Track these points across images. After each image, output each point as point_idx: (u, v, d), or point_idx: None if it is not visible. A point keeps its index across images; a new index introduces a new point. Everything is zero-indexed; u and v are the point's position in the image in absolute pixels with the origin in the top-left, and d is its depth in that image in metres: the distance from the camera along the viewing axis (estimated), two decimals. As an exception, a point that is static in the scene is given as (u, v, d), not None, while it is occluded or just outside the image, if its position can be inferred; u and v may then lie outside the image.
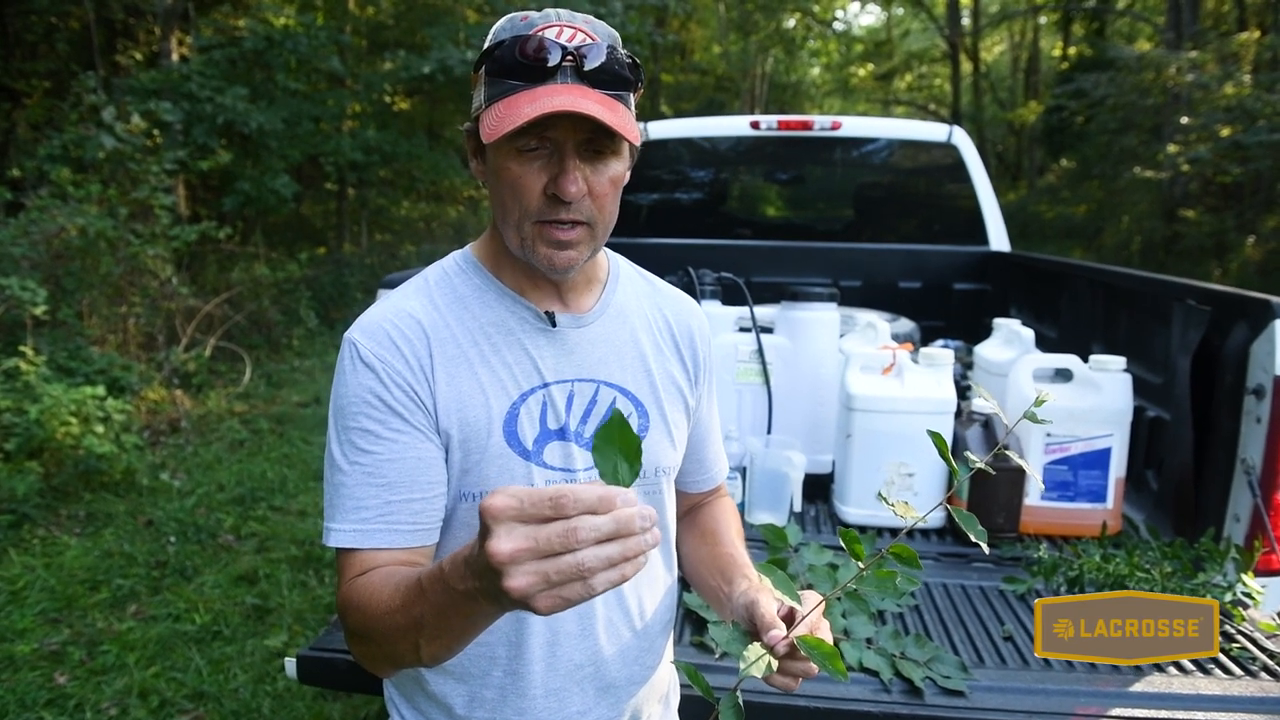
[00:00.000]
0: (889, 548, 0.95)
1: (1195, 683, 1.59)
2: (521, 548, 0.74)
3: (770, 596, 1.10)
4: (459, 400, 1.15)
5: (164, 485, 5.34)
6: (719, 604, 1.28)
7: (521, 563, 0.74)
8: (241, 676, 3.41)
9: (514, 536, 0.75)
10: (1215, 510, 2.21)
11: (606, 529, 0.73)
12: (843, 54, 28.52)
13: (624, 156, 1.14)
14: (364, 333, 1.16)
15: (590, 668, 1.24)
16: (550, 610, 0.76)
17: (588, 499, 0.74)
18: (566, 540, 0.73)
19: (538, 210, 1.10)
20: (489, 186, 1.16)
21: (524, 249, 1.13)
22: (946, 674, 1.60)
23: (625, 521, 0.73)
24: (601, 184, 1.11)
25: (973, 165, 4.40)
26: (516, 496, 0.75)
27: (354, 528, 1.12)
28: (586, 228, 1.12)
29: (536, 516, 0.74)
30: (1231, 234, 13.74)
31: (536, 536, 0.74)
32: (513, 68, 1.07)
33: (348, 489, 1.13)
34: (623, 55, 1.11)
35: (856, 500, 2.44)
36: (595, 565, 0.73)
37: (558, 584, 0.74)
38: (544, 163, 1.09)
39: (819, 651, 0.96)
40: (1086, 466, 2.37)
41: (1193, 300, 2.41)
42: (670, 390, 1.31)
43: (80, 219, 6.29)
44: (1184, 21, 15.51)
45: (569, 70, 1.06)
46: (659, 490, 1.30)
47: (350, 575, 1.11)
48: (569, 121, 1.05)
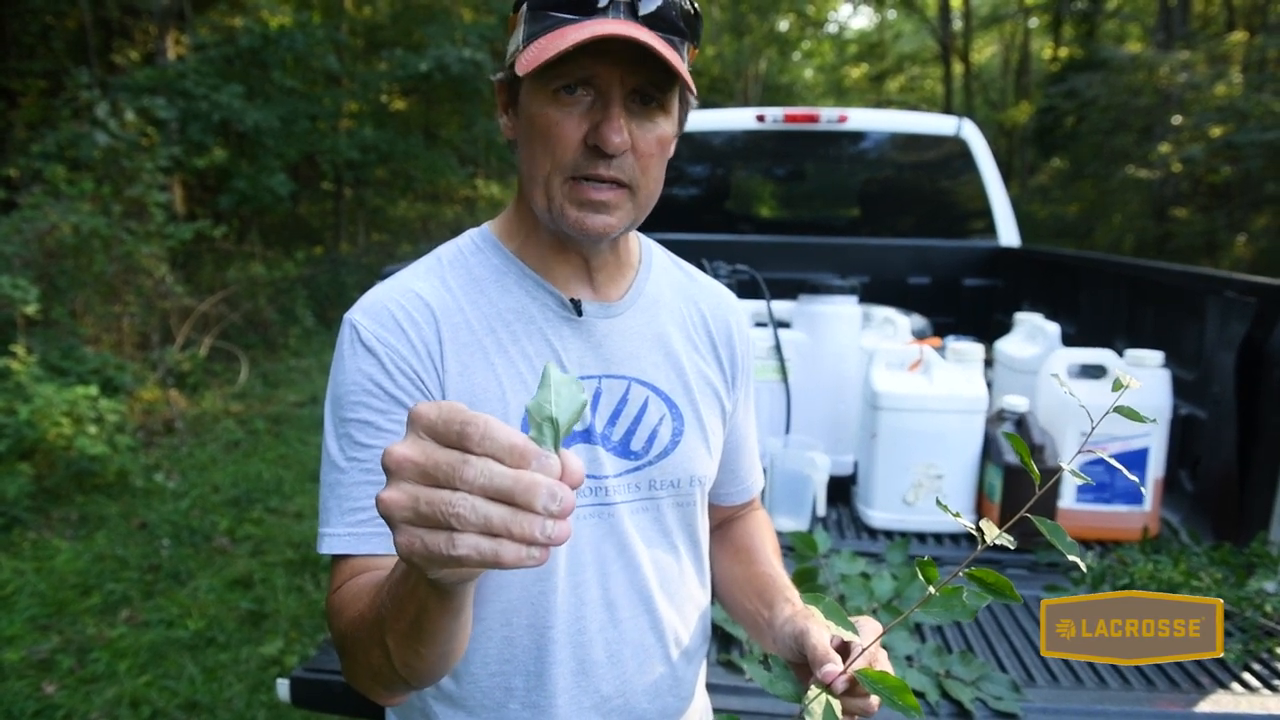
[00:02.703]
0: (969, 571, 0.82)
1: (1265, 702, 1.49)
2: (408, 457, 0.60)
3: (821, 625, 0.97)
4: (471, 393, 1.03)
5: (158, 487, 5.23)
6: (757, 630, 1.16)
7: (403, 475, 0.61)
8: (236, 686, 3.29)
9: (410, 445, 0.61)
10: (1261, 513, 2.10)
11: (500, 483, 0.58)
12: (836, 55, 28.52)
13: (673, 117, 1.03)
14: (365, 313, 1.04)
15: (619, 700, 1.11)
16: (405, 549, 0.61)
17: (498, 440, 0.59)
18: (451, 472, 0.59)
19: (573, 163, 0.97)
20: (520, 141, 1.04)
21: (551, 211, 1.01)
22: (998, 695, 1.48)
23: (527, 488, 0.58)
24: (648, 142, 0.99)
25: (982, 158, 4.30)
26: (440, 407, 0.61)
27: (348, 531, 0.99)
28: (627, 191, 1.00)
29: (444, 435, 0.60)
30: (1222, 233, 13.73)
31: (427, 453, 0.60)
32: (559, 1, 0.95)
33: (343, 488, 1.00)
34: (682, 0, 0.98)
35: (882, 504, 2.33)
36: (467, 518, 0.58)
37: (422, 519, 0.60)
38: (585, 110, 0.97)
39: (885, 686, 0.84)
40: (1123, 466, 2.26)
41: (1233, 292, 2.30)
42: (706, 392, 1.19)
43: (73, 217, 6.17)
44: (1174, 23, 15.47)
45: (622, 7, 0.94)
46: (692, 502, 1.18)
47: (340, 582, 0.99)
48: (617, 63, 0.94)
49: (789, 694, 0.93)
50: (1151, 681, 1.57)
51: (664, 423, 1.14)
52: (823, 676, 0.90)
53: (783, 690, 0.93)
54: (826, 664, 0.91)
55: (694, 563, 1.21)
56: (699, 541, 1.22)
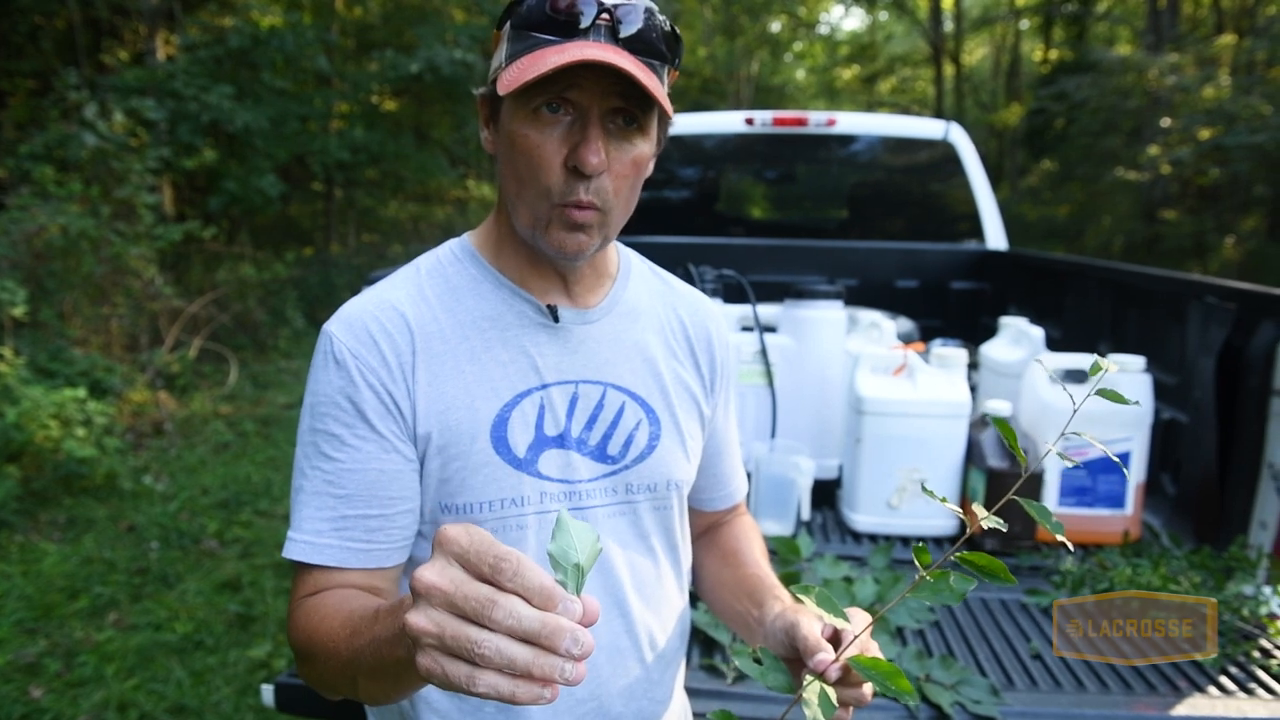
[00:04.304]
0: (959, 555, 0.82)
1: (1240, 705, 1.50)
2: (437, 585, 0.63)
3: (811, 617, 0.98)
4: (441, 403, 1.05)
5: (146, 489, 5.21)
6: (747, 630, 1.17)
7: (431, 602, 0.64)
8: (224, 689, 3.29)
9: (439, 573, 0.64)
10: (1240, 517, 2.12)
11: (528, 626, 0.61)
12: (828, 57, 28.59)
13: (651, 137, 1.04)
14: (341, 326, 1.06)
15: (593, 703, 1.12)
16: (425, 671, 0.65)
17: (529, 581, 0.62)
18: (480, 610, 0.62)
19: (558, 191, 0.99)
20: (500, 157, 1.06)
21: (535, 230, 1.03)
22: (977, 698, 1.49)
23: (553, 632, 0.61)
24: (623, 163, 1.01)
25: (969, 162, 4.32)
26: (470, 535, 0.64)
27: (306, 540, 1.03)
28: (599, 213, 1.01)
29: (475, 566, 0.63)
30: (1210, 234, 13.83)
31: (456, 584, 0.63)
32: (541, 22, 0.96)
33: (304, 496, 1.04)
34: (661, 23, 1.00)
35: (866, 507, 2.34)
36: (490, 658, 0.61)
37: (447, 650, 0.63)
38: (564, 131, 0.98)
39: (877, 671, 0.85)
40: (1105, 471, 2.28)
41: (1214, 298, 2.32)
42: (684, 397, 1.20)
43: (62, 218, 6.15)
44: (1163, 25, 15.55)
45: (603, 30, 0.96)
46: (669, 506, 1.19)
47: (302, 593, 1.02)
48: (596, 84, 0.95)
49: (782, 685, 0.93)
50: (1129, 685, 1.59)
51: (640, 427, 1.15)
52: (815, 665, 0.91)
53: (775, 682, 0.93)
54: (818, 653, 0.92)
55: (672, 567, 1.23)
56: (677, 545, 1.23)
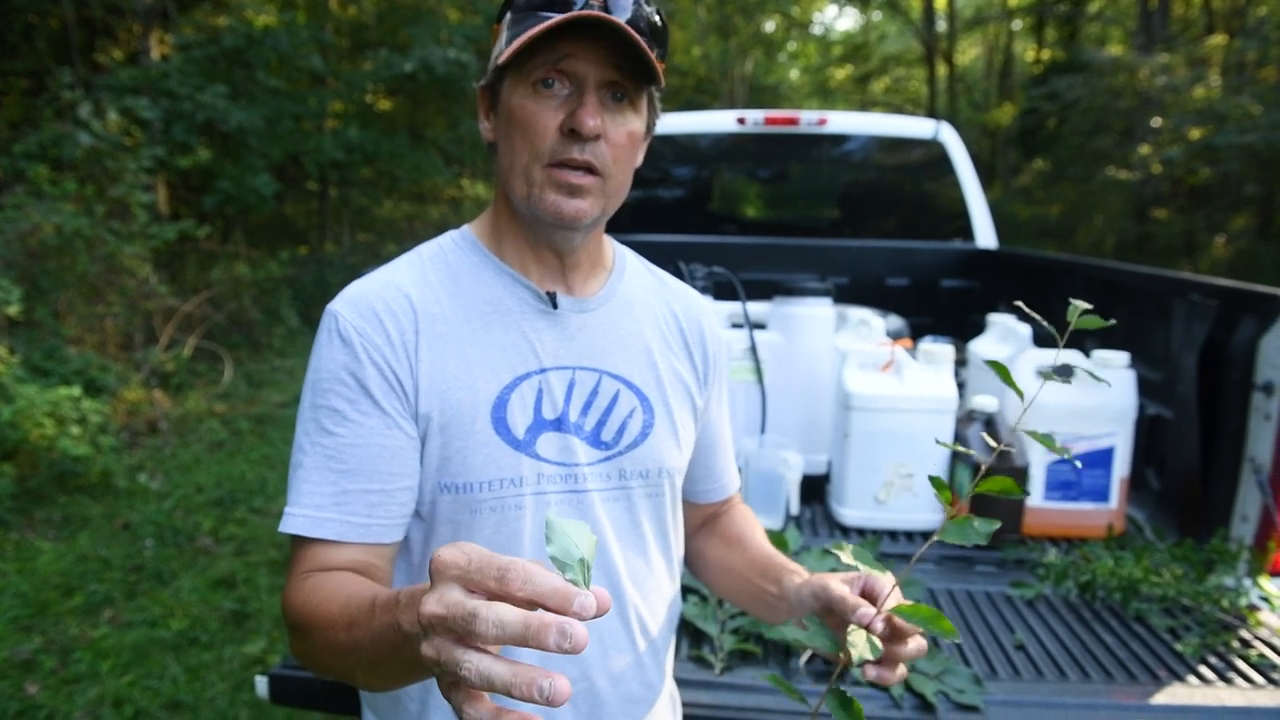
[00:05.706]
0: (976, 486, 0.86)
1: (1219, 694, 1.53)
2: (439, 615, 0.65)
3: (839, 581, 1.03)
4: (443, 382, 1.07)
5: (141, 487, 5.23)
6: (766, 606, 1.21)
7: (435, 632, 0.66)
8: (219, 685, 3.31)
9: (441, 600, 0.65)
10: (1222, 510, 2.15)
11: (513, 632, 0.60)
12: (822, 56, 28.62)
13: (643, 115, 1.09)
14: (347, 304, 1.09)
15: (583, 684, 1.15)
16: (448, 695, 0.66)
17: (542, 584, 0.62)
18: (467, 626, 0.62)
19: (550, 150, 1.03)
20: (500, 136, 1.09)
21: (530, 199, 1.06)
22: (960, 688, 1.52)
23: (539, 630, 0.60)
24: (619, 134, 1.05)
25: (959, 161, 4.36)
26: (467, 555, 0.66)
27: (305, 514, 1.03)
28: (599, 179, 1.05)
29: (480, 583, 0.64)
30: (1201, 233, 13.90)
31: (451, 608, 0.64)
32: (538, 4, 1.01)
33: (305, 471, 1.05)
34: (649, 12, 1.05)
35: (854, 502, 2.37)
36: (471, 680, 0.62)
37: (447, 673, 0.65)
38: (562, 101, 1.03)
39: (920, 616, 0.88)
40: (1090, 466, 2.31)
41: (1197, 295, 2.35)
42: (677, 388, 1.24)
43: (56, 217, 6.16)
44: (1155, 26, 15.61)
45: (595, 8, 1.01)
46: (662, 493, 1.22)
47: (301, 569, 1.03)
48: (591, 53, 1.00)
49: (829, 645, 0.97)
50: (1110, 674, 1.61)
51: (634, 415, 1.18)
52: (859, 619, 0.94)
53: (823, 643, 0.97)
54: (859, 609, 0.96)
55: (663, 554, 1.25)
56: (668, 533, 1.26)
